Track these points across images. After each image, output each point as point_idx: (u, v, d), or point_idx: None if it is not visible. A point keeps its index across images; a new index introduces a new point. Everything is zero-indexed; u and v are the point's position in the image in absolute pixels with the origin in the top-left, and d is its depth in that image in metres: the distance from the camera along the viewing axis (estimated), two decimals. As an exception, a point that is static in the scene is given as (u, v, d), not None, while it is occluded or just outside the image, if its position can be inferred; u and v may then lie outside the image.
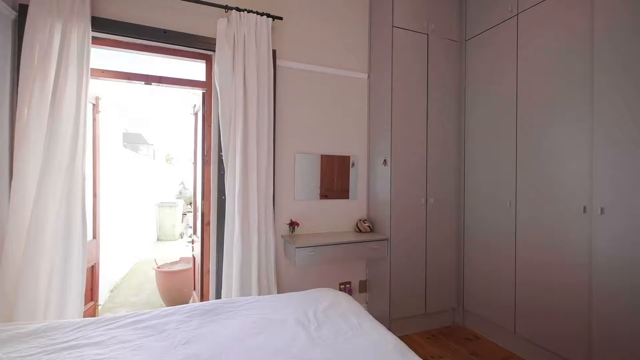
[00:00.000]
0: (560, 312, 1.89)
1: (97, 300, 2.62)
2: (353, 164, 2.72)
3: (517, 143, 2.16)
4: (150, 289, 3.72)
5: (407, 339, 2.35)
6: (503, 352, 2.18)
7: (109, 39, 2.09)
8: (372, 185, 2.67)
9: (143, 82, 2.26)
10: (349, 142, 2.72)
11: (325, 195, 2.63)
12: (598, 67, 1.72)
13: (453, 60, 2.62)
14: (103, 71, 2.14)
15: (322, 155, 2.61)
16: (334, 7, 2.67)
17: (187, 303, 1.81)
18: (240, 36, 2.22)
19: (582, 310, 1.78)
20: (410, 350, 1.27)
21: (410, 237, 2.46)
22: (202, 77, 2.40)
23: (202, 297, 2.41)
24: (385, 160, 2.47)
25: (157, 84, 2.30)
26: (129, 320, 1.44)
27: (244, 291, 2.17)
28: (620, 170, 1.62)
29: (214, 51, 2.22)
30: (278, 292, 2.34)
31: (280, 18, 2.38)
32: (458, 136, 2.63)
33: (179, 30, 2.18)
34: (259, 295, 2.16)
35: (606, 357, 1.67)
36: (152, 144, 8.87)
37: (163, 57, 2.28)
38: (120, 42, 2.12)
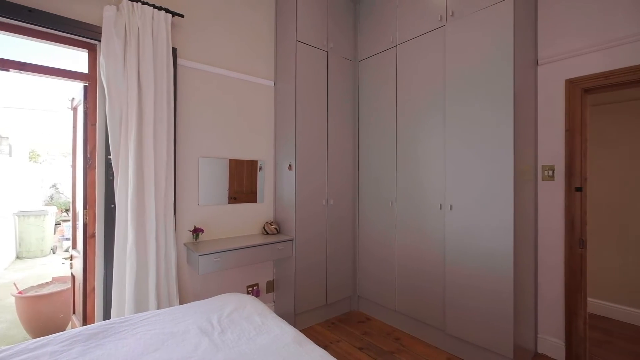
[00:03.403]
0: (425, 287, 2.38)
1: None
2: (261, 168, 2.80)
3: (397, 151, 2.60)
4: (9, 320, 3.00)
5: (310, 329, 2.57)
6: (387, 328, 2.61)
7: (-60, 8, 1.63)
8: (279, 188, 2.80)
9: (-4, 68, 1.83)
10: (256, 146, 2.77)
11: (234, 198, 2.63)
12: (448, 96, 2.23)
13: (349, 77, 2.96)
14: None
15: (230, 160, 2.60)
16: (240, 12, 2.68)
17: (65, 331, 1.57)
18: (133, 28, 2.03)
19: (439, 282, 2.29)
20: (308, 339, 1.43)
21: (313, 236, 2.68)
22: (84, 67, 2.09)
23: (86, 321, 2.11)
24: (290, 165, 2.62)
25: (17, 71, 1.90)
26: (-21, 361, 1.19)
27: (140, 307, 2.00)
28: (460, 177, 2.15)
29: (100, 41, 1.97)
30: (180, 303, 2.24)
31: (182, 15, 2.27)
32: (353, 143, 2.99)
33: (51, 12, 1.85)
34: (159, 309, 2.03)
35: (452, 312, 2.19)
36: (7, 137, 6.99)
37: (27, 39, 1.90)
38: (-41, 14, 1.68)
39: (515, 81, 1.92)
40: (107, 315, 2.03)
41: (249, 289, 2.71)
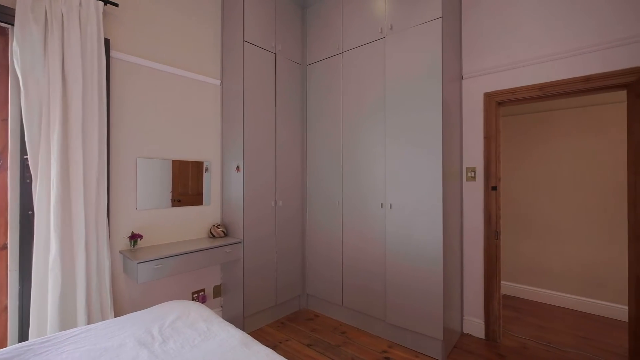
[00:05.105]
0: (368, 281, 2.54)
1: None
2: (207, 169, 2.70)
3: (343, 153, 2.73)
4: None
5: (259, 331, 2.56)
6: (334, 323, 2.73)
7: None
8: (226, 190, 2.74)
9: None
10: (202, 147, 2.67)
11: (178, 201, 2.50)
12: (387, 104, 2.42)
13: (297, 80, 3.01)
14: None
15: (173, 161, 2.47)
16: (182, 5, 2.55)
17: (-31, 357, 1.36)
18: (56, 14, 1.82)
19: (380, 276, 2.47)
20: (255, 340, 1.44)
21: (262, 237, 2.68)
22: (-10, 54, 1.82)
23: (-5, 345, 1.84)
24: (238, 167, 2.59)
25: None
26: None
27: (67, 325, 1.81)
28: (398, 178, 2.35)
29: (13, 25, 1.74)
30: (116, 316, 2.07)
31: (116, 4, 2.10)
32: (302, 145, 3.06)
33: (-55, -13, 1.58)
34: (90, 324, 1.85)
35: (391, 303, 2.38)
36: None
37: None
38: None
39: (444, 93, 2.16)
40: (23, 338, 1.80)
41: (194, 296, 2.60)
